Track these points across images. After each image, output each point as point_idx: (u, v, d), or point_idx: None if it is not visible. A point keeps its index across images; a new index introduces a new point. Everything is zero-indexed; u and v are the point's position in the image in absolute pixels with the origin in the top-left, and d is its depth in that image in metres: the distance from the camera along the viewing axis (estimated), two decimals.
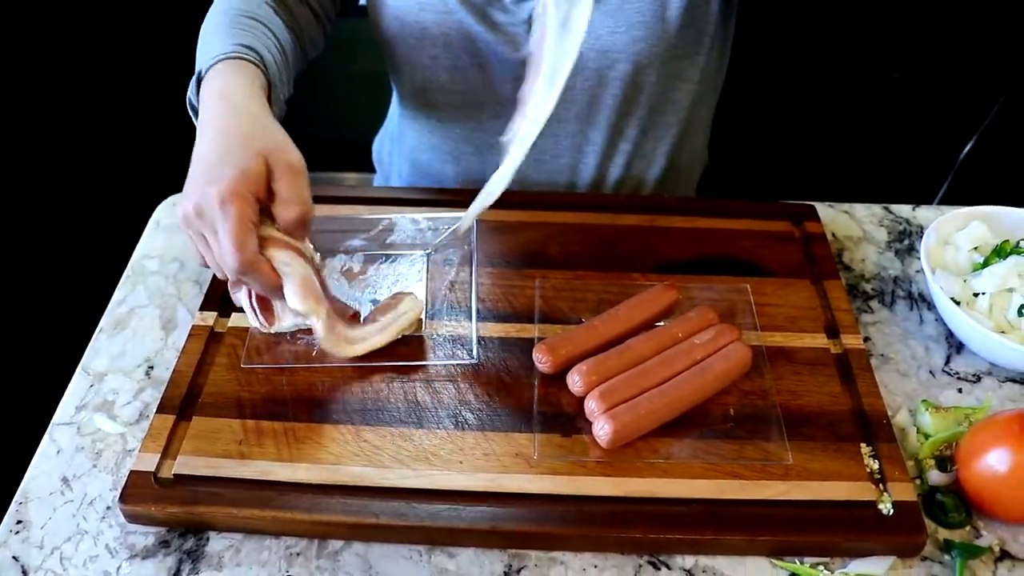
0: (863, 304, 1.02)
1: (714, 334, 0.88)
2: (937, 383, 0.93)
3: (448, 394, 0.86)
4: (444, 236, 0.99)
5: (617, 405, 0.80)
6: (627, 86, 1.11)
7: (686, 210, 1.09)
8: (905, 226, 1.13)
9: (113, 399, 0.90)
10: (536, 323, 0.93)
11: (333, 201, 1.07)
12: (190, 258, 1.05)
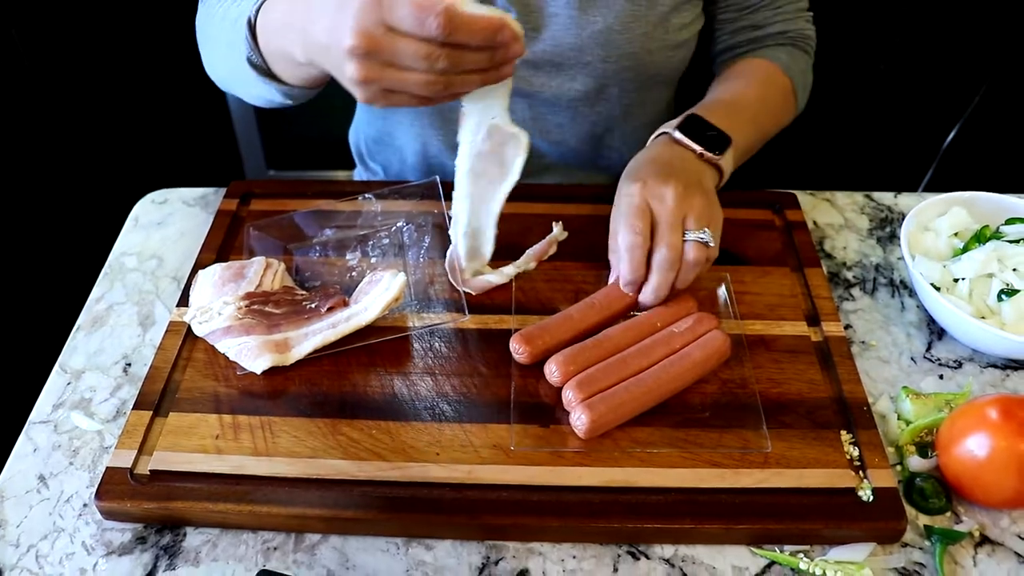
0: (845, 292, 1.02)
1: (692, 323, 0.87)
2: (918, 370, 0.93)
3: (425, 386, 0.86)
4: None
5: (594, 395, 0.80)
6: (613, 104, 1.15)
7: None
8: (887, 213, 1.13)
9: (90, 396, 0.89)
10: (513, 314, 0.93)
11: (316, 195, 1.07)
12: (168, 255, 1.05)
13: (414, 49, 0.68)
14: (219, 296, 0.90)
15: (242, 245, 1.00)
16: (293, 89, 0.90)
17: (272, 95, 0.93)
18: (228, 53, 0.91)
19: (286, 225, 1.02)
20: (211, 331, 0.87)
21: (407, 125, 1.21)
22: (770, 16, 1.15)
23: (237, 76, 0.93)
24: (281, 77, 0.88)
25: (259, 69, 0.88)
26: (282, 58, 0.84)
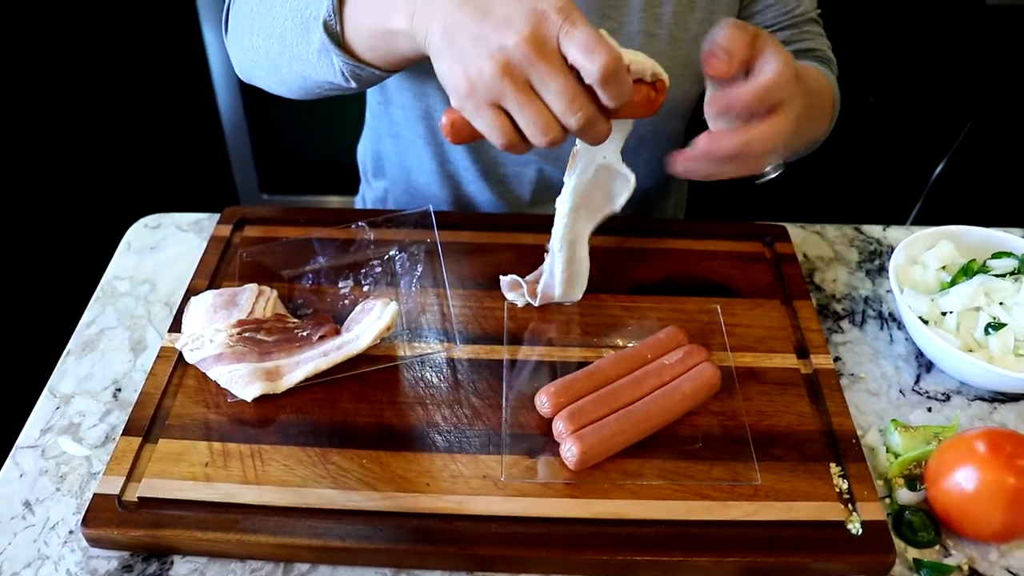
0: (834, 324, 1.02)
1: (683, 355, 0.88)
2: (907, 402, 0.94)
3: (416, 416, 0.86)
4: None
5: (584, 426, 0.80)
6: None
7: (658, 231, 1.09)
8: (876, 246, 1.14)
9: (79, 421, 0.89)
10: (505, 344, 0.93)
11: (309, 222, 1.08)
12: (161, 280, 1.05)
13: (565, 83, 0.65)
14: (211, 323, 0.90)
15: (235, 271, 1.00)
16: (365, 68, 0.84)
17: (335, 75, 0.85)
18: (289, 20, 0.85)
19: (279, 252, 1.02)
20: (203, 358, 0.87)
21: (423, 142, 1.21)
22: (795, 34, 1.14)
23: (293, 48, 0.86)
24: (355, 49, 0.82)
25: (333, 37, 0.81)
26: (371, 26, 0.78)
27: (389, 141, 1.26)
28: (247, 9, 0.93)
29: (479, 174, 1.20)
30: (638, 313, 0.97)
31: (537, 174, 1.20)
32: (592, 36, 0.64)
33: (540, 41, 0.64)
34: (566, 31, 0.64)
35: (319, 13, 0.81)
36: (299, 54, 0.86)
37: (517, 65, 0.65)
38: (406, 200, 1.29)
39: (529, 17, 0.64)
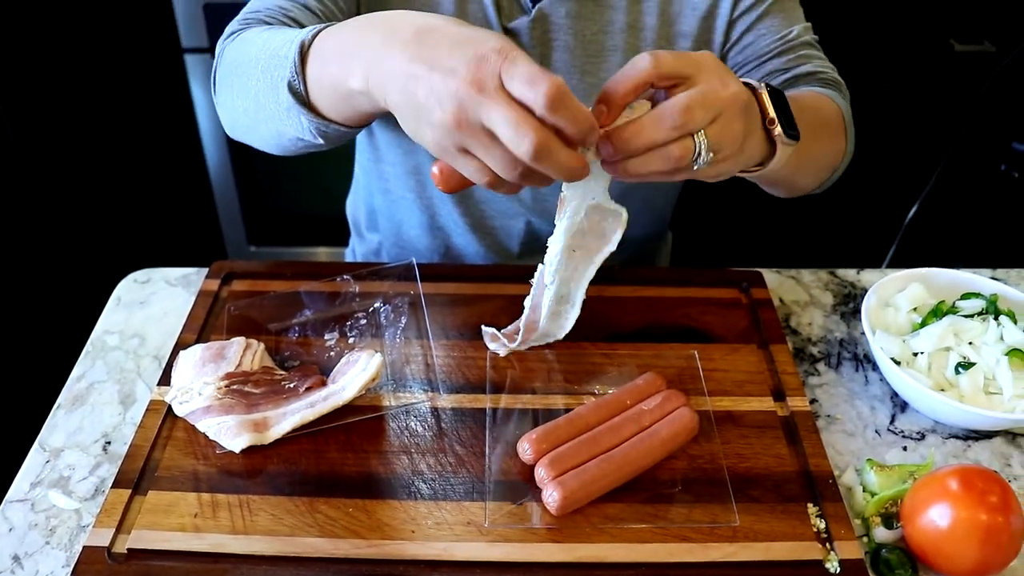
0: (810, 367, 1.05)
1: (661, 400, 0.90)
2: (883, 442, 0.96)
3: (401, 465, 0.87)
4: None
5: (566, 472, 0.82)
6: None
7: (635, 279, 1.12)
8: (850, 289, 1.17)
9: (69, 475, 0.90)
10: (488, 393, 0.95)
11: (296, 276, 1.10)
12: (150, 334, 1.07)
13: (508, 113, 0.66)
14: (200, 376, 0.92)
15: (223, 324, 1.02)
16: (330, 125, 0.86)
17: (304, 133, 0.87)
18: (261, 81, 0.87)
19: (266, 305, 1.04)
20: (191, 411, 0.89)
21: (414, 196, 1.23)
22: (791, 59, 1.12)
23: (266, 109, 0.88)
24: (320, 108, 0.85)
25: (299, 98, 0.84)
26: (332, 87, 0.80)
27: (380, 197, 1.28)
28: (229, 70, 0.96)
29: (468, 227, 1.23)
30: (617, 360, 0.99)
31: (525, 226, 1.23)
32: (532, 69, 0.66)
33: (482, 83, 0.66)
34: (507, 68, 0.66)
35: (285, 75, 0.84)
36: (272, 114, 0.88)
37: (467, 110, 0.67)
38: (397, 252, 1.32)
39: (470, 62, 0.67)
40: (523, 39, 1.09)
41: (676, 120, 0.72)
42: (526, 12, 1.08)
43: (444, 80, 0.67)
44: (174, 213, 2.43)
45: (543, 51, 1.10)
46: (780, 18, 1.12)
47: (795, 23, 1.13)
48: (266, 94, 0.87)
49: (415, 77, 0.69)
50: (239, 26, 0.98)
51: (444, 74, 0.67)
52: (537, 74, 0.66)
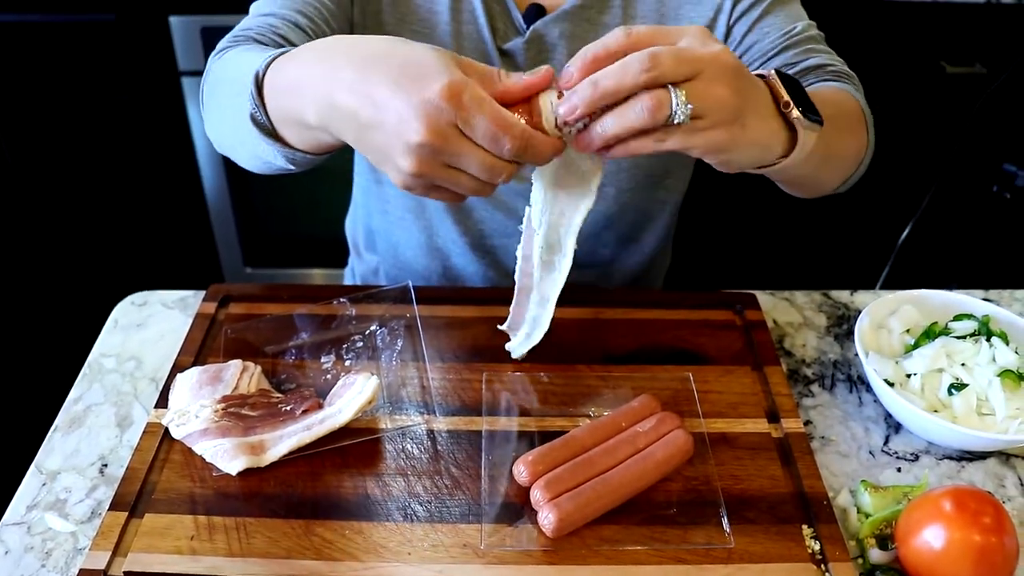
0: (804, 388, 1.05)
1: (656, 422, 0.90)
2: (877, 463, 0.96)
3: (398, 487, 0.88)
4: None
5: (561, 494, 0.82)
6: (610, 203, 1.19)
7: (630, 302, 1.12)
8: (844, 311, 1.18)
9: (65, 497, 0.90)
10: (483, 415, 0.96)
11: (292, 299, 1.11)
12: (147, 356, 1.07)
13: (480, 159, 0.67)
14: (197, 399, 0.92)
15: (220, 347, 1.03)
16: (296, 153, 0.86)
17: (275, 158, 0.87)
18: (232, 109, 0.87)
19: (263, 328, 1.05)
20: (188, 434, 0.89)
21: (413, 217, 1.24)
22: (797, 53, 1.08)
23: (239, 135, 0.88)
24: (286, 139, 0.85)
25: (263, 128, 0.84)
26: (291, 120, 0.81)
27: (378, 217, 1.29)
28: (212, 89, 0.96)
29: (467, 246, 1.24)
30: (612, 382, 1.00)
31: None
32: (489, 123, 0.66)
33: (441, 134, 0.66)
34: (464, 121, 0.67)
35: (247, 105, 0.83)
36: (245, 138, 0.88)
37: (430, 156, 0.68)
38: (396, 273, 1.32)
39: (421, 114, 0.66)
40: (518, 60, 1.10)
41: (642, 63, 0.68)
42: (520, 33, 1.10)
43: (398, 132, 0.67)
44: (170, 235, 2.43)
45: None
46: (782, 16, 1.10)
47: (798, 20, 1.11)
48: (236, 119, 0.87)
49: (368, 126, 0.70)
50: (228, 43, 0.98)
51: (400, 126, 0.67)
52: (496, 127, 0.66)
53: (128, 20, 2.09)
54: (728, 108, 0.72)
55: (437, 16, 1.09)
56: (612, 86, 0.69)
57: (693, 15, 1.11)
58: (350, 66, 0.72)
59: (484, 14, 1.08)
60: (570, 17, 1.09)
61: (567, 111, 0.71)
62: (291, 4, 1.02)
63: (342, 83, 0.71)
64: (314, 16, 1.02)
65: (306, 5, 1.02)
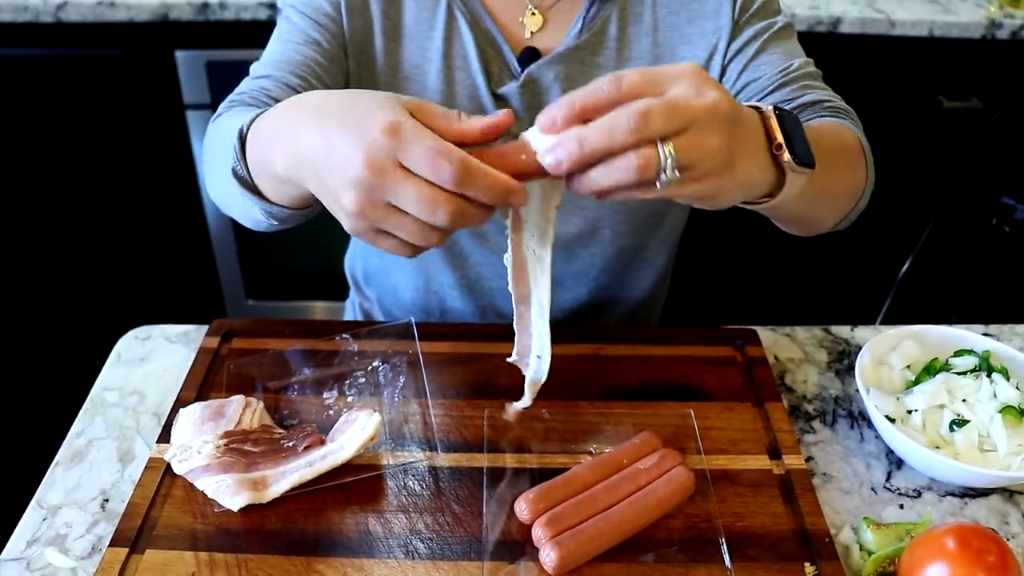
0: (805, 424, 1.05)
1: (657, 459, 0.90)
2: (879, 500, 0.96)
3: (399, 524, 0.88)
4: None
5: (563, 532, 0.82)
6: (607, 246, 1.19)
7: (631, 338, 1.13)
8: (844, 346, 1.18)
9: (66, 532, 0.90)
10: (485, 452, 0.96)
11: (295, 334, 1.11)
12: (150, 390, 1.07)
13: (417, 192, 0.66)
14: (199, 435, 0.92)
15: (223, 382, 1.03)
16: (273, 207, 0.87)
17: (258, 213, 0.89)
18: (221, 168, 0.88)
19: (265, 363, 1.05)
20: (190, 469, 0.90)
21: (410, 262, 1.24)
22: (794, 89, 1.07)
23: (229, 193, 0.89)
24: (264, 192, 0.86)
25: (243, 182, 0.85)
26: (265, 171, 0.82)
27: (375, 258, 1.30)
28: (206, 151, 0.98)
29: (463, 289, 1.25)
30: (614, 419, 1.00)
31: None
32: (428, 152, 0.65)
33: (379, 168, 0.66)
34: (402, 152, 0.66)
35: (230, 160, 0.85)
36: (233, 197, 0.89)
37: (369, 196, 0.67)
38: (396, 311, 1.33)
39: (361, 149, 0.66)
40: (513, 104, 1.11)
41: (631, 122, 0.66)
42: (515, 77, 1.11)
43: (343, 169, 0.67)
44: (173, 267, 2.44)
45: (533, 114, 1.11)
46: (778, 53, 1.10)
47: (795, 57, 1.10)
48: (224, 178, 0.88)
49: (318, 168, 0.70)
50: (225, 108, 1.01)
51: (342, 163, 0.67)
52: (434, 156, 0.65)
53: (134, 54, 2.12)
54: (719, 158, 0.70)
55: (429, 63, 1.11)
56: (600, 145, 0.67)
57: (688, 55, 1.11)
58: (310, 115, 0.73)
59: (478, 59, 1.10)
60: (564, 60, 1.10)
61: (553, 165, 0.69)
62: (285, 66, 1.04)
63: (302, 132, 0.72)
64: (307, 75, 1.04)
65: (299, 65, 1.04)
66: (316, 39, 1.07)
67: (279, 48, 1.07)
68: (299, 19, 1.09)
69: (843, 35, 2.09)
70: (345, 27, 1.10)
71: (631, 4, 1.11)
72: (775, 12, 1.13)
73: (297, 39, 1.07)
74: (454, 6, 1.10)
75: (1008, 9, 2.14)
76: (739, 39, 1.11)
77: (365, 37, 1.11)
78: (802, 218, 0.98)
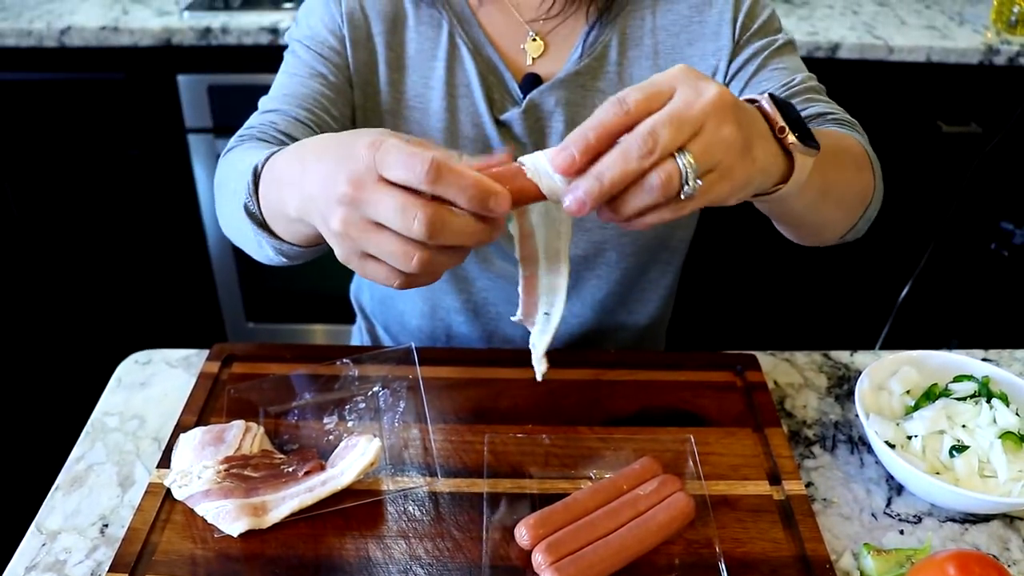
0: (805, 449, 1.05)
1: (657, 485, 0.90)
2: (879, 525, 0.96)
3: (399, 549, 0.87)
4: None
5: (563, 558, 0.82)
6: (612, 269, 1.20)
7: (631, 364, 1.13)
8: (844, 371, 1.18)
9: (65, 558, 0.90)
10: (485, 477, 0.96)
11: (296, 359, 1.12)
12: (150, 415, 1.07)
13: (393, 200, 0.65)
14: (199, 460, 0.92)
15: (223, 407, 1.03)
16: (284, 245, 0.89)
17: (268, 250, 0.90)
18: (233, 202, 0.90)
19: (266, 388, 1.05)
20: (190, 495, 0.90)
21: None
22: (799, 103, 1.06)
23: (239, 228, 0.91)
24: (275, 230, 0.87)
25: (254, 219, 0.87)
26: (278, 211, 0.83)
27: (380, 286, 1.31)
28: (217, 187, 1.00)
29: (469, 314, 1.25)
30: (614, 444, 1.00)
31: None
32: (403, 150, 0.65)
33: (358, 181, 0.66)
34: (380, 159, 0.65)
35: (243, 198, 0.87)
36: (245, 234, 0.91)
37: (350, 211, 0.67)
38: (403, 337, 1.33)
39: (344, 165, 0.67)
40: (516, 130, 1.12)
41: (642, 146, 0.66)
42: (517, 103, 1.12)
43: (329, 189, 0.67)
44: (174, 289, 2.45)
45: (536, 140, 1.13)
46: (780, 69, 1.10)
47: (797, 72, 1.10)
48: (235, 215, 0.90)
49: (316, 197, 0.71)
50: (235, 143, 1.02)
51: (328, 182, 0.68)
52: (409, 154, 0.64)
53: (137, 78, 2.14)
54: (737, 147, 0.69)
55: (432, 91, 1.12)
56: (618, 177, 0.67)
57: None
58: (314, 153, 0.74)
59: (480, 86, 1.11)
60: (566, 85, 1.11)
61: (576, 207, 0.68)
62: (292, 100, 1.06)
63: (307, 171, 0.73)
64: (314, 108, 1.07)
65: (306, 98, 1.07)
66: (322, 72, 1.10)
67: (286, 82, 1.10)
68: (305, 53, 1.11)
69: (842, 60, 2.11)
70: (350, 60, 1.12)
71: (631, 28, 1.12)
72: (776, 30, 1.14)
73: (303, 73, 1.10)
74: (456, 35, 1.11)
75: (1005, 35, 2.16)
76: (740, 57, 1.12)
77: (370, 69, 1.12)
78: (811, 219, 0.97)
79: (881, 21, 2.22)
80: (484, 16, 1.13)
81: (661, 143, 0.66)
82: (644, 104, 0.68)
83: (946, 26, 2.21)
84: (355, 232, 0.67)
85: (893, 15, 2.27)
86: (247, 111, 1.08)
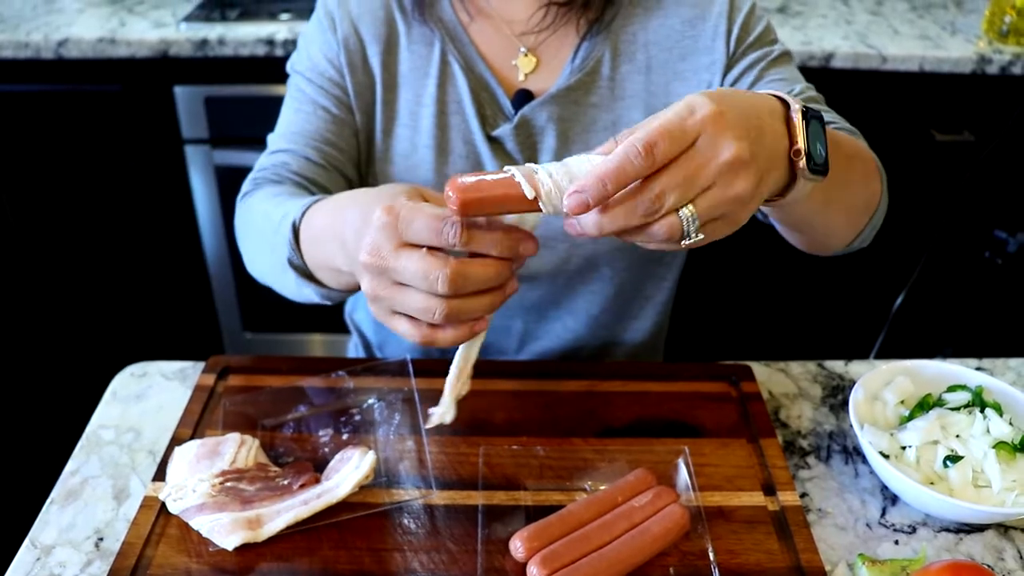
0: (800, 460, 1.05)
1: (652, 497, 0.91)
2: (874, 535, 0.96)
3: (394, 562, 0.87)
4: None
5: (558, 570, 0.82)
6: (606, 283, 1.21)
7: (625, 374, 1.13)
8: (839, 381, 1.18)
9: (60, 572, 0.89)
10: (480, 490, 0.96)
11: (291, 371, 1.12)
12: (146, 428, 1.07)
13: (414, 265, 0.69)
14: (194, 473, 0.92)
15: (219, 420, 1.04)
16: (332, 291, 0.95)
17: (311, 296, 0.97)
18: (270, 253, 0.96)
19: (261, 401, 1.05)
20: (185, 508, 0.90)
21: None
22: None
23: (277, 275, 0.98)
24: (321, 279, 0.93)
25: (299, 271, 0.93)
26: (325, 266, 0.88)
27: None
28: (243, 234, 1.06)
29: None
30: (608, 456, 1.00)
31: (524, 326, 1.25)
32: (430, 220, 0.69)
33: (379, 247, 0.71)
34: (404, 228, 0.70)
35: (285, 252, 0.92)
36: (285, 283, 0.98)
37: (376, 270, 0.72)
38: (400, 352, 1.33)
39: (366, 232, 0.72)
40: (507, 146, 1.12)
41: (648, 208, 0.67)
42: (509, 119, 1.12)
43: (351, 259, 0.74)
44: (171, 299, 2.45)
45: (528, 155, 1.13)
46: (778, 80, 1.10)
47: (795, 82, 1.10)
48: (276, 266, 0.96)
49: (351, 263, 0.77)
50: (250, 187, 1.07)
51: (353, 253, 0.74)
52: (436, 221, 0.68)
53: (134, 90, 2.14)
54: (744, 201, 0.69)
55: (424, 108, 1.13)
56: (619, 229, 0.68)
57: (682, 92, 1.11)
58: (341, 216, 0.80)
59: (472, 103, 1.11)
60: (557, 100, 1.12)
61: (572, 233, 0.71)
62: (300, 138, 1.10)
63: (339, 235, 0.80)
64: (321, 144, 1.10)
65: (313, 135, 1.11)
66: (325, 106, 1.12)
67: (292, 119, 1.13)
68: (307, 86, 1.13)
69: (835, 70, 2.11)
70: (349, 86, 1.13)
71: (623, 43, 1.12)
72: (772, 41, 1.14)
73: (307, 108, 1.13)
74: (448, 52, 1.11)
75: (997, 45, 2.16)
76: (735, 69, 1.11)
77: (368, 91, 1.14)
78: (814, 226, 0.96)
79: (874, 31, 2.23)
80: (475, 32, 1.13)
81: (668, 204, 0.67)
82: (670, 153, 0.66)
83: (939, 36, 2.22)
84: (383, 292, 0.73)
85: (886, 25, 2.28)
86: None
